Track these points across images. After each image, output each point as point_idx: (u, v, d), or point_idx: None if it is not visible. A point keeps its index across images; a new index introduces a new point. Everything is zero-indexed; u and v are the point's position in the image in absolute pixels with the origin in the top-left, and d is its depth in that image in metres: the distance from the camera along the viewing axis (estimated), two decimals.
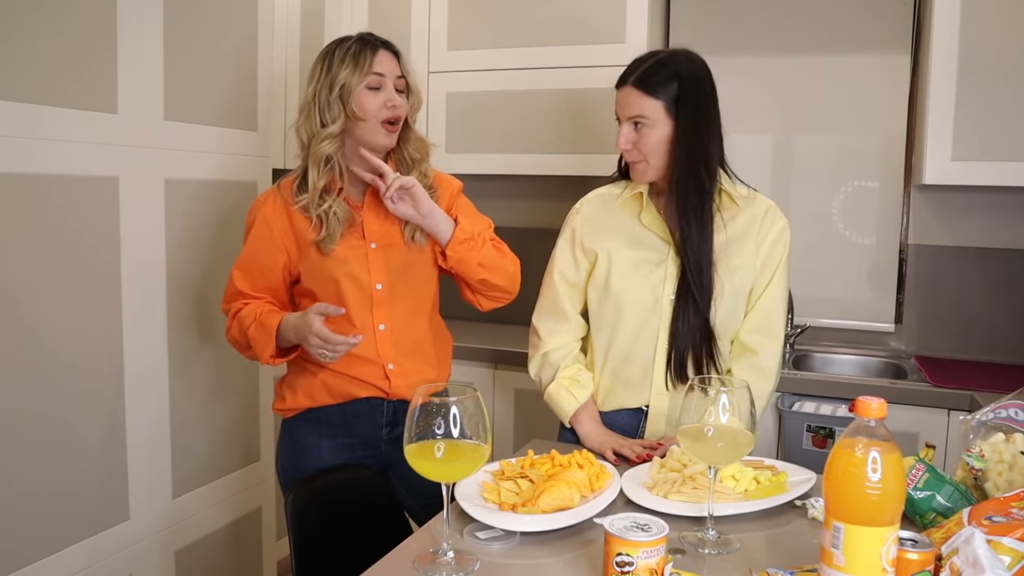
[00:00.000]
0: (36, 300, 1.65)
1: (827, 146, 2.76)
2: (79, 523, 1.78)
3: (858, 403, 0.90)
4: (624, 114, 1.60)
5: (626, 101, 1.59)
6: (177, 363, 2.02)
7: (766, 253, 1.63)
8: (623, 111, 1.60)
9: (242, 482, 2.26)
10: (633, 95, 1.58)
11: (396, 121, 1.61)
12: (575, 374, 1.68)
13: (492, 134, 2.77)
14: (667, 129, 1.57)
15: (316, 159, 1.60)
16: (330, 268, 1.62)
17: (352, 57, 1.59)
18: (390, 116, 1.59)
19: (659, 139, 1.57)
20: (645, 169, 1.60)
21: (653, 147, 1.58)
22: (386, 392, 1.67)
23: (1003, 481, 1.22)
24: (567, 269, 1.70)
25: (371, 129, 1.59)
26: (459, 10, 2.78)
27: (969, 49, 2.28)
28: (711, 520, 1.21)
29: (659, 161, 1.59)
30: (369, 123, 1.59)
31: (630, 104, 1.58)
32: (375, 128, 1.59)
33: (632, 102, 1.58)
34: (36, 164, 1.63)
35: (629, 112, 1.58)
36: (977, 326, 2.63)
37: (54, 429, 1.71)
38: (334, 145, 1.60)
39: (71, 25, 1.68)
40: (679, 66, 1.57)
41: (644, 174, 1.61)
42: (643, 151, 1.58)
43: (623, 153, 1.62)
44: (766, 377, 1.62)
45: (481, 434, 1.11)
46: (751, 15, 2.79)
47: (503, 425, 2.62)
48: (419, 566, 1.12)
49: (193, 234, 2.04)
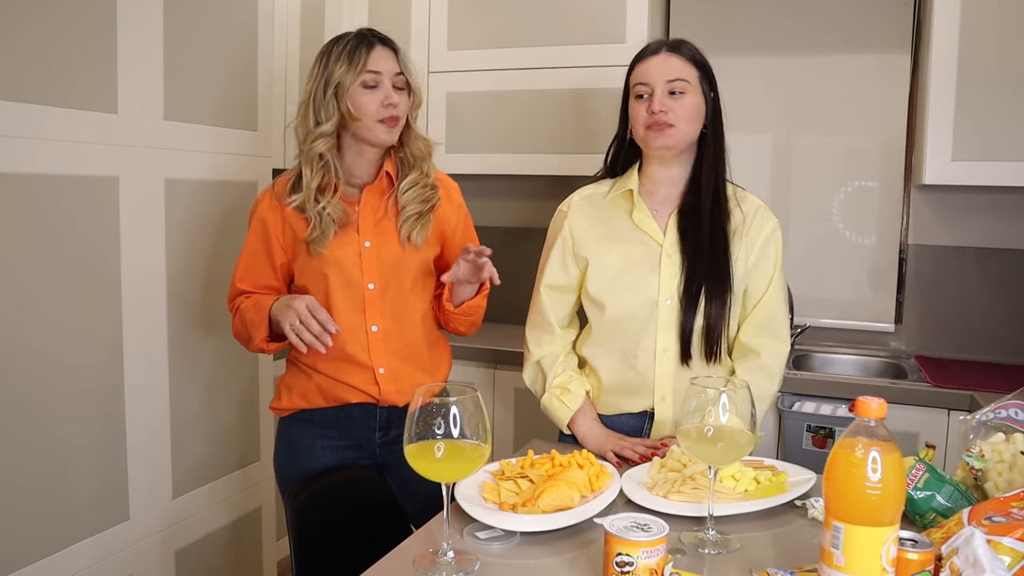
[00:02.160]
0: (36, 300, 1.65)
1: (827, 146, 2.76)
2: (79, 523, 1.78)
3: (858, 403, 0.90)
4: (663, 77, 1.55)
5: (665, 65, 1.56)
6: (177, 363, 2.01)
7: (758, 253, 1.61)
8: (660, 75, 1.55)
9: (242, 482, 2.26)
10: (673, 59, 1.56)
11: (395, 120, 1.60)
12: (565, 382, 1.67)
13: (492, 134, 2.77)
14: (699, 99, 1.57)
15: (309, 158, 1.60)
16: (321, 265, 1.62)
17: (347, 55, 1.58)
18: (387, 115, 1.58)
19: (695, 106, 1.57)
20: (676, 134, 1.56)
21: (690, 112, 1.56)
22: (376, 398, 1.66)
23: (1003, 481, 1.22)
24: (556, 277, 1.69)
25: (369, 128, 1.59)
26: (459, 10, 2.78)
27: (969, 49, 2.28)
28: (711, 520, 1.21)
29: (689, 128, 1.57)
30: (366, 122, 1.58)
31: (670, 68, 1.55)
32: (373, 127, 1.59)
33: (672, 65, 1.56)
34: (36, 164, 1.64)
35: (669, 75, 1.55)
36: (977, 326, 2.63)
37: (54, 429, 1.71)
38: (327, 144, 1.59)
39: (71, 25, 1.68)
40: (699, 51, 1.61)
41: (674, 137, 1.56)
42: (679, 114, 1.55)
43: (656, 115, 1.54)
44: (770, 378, 1.60)
45: (481, 434, 1.11)
46: (751, 15, 2.79)
47: (503, 425, 2.62)
48: (419, 566, 1.12)
49: (193, 234, 2.04)
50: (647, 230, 1.62)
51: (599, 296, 1.63)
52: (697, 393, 1.19)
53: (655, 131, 1.55)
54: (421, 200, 1.65)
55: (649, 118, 1.55)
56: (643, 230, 1.62)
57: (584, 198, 1.70)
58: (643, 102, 1.57)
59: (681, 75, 1.55)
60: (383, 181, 1.66)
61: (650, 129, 1.56)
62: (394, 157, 1.67)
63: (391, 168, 1.66)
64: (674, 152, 1.59)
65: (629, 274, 1.61)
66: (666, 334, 1.59)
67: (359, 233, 1.64)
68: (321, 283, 1.63)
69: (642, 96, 1.57)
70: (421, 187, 1.65)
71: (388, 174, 1.66)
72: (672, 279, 1.59)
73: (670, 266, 1.60)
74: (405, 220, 1.64)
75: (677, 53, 1.57)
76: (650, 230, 1.62)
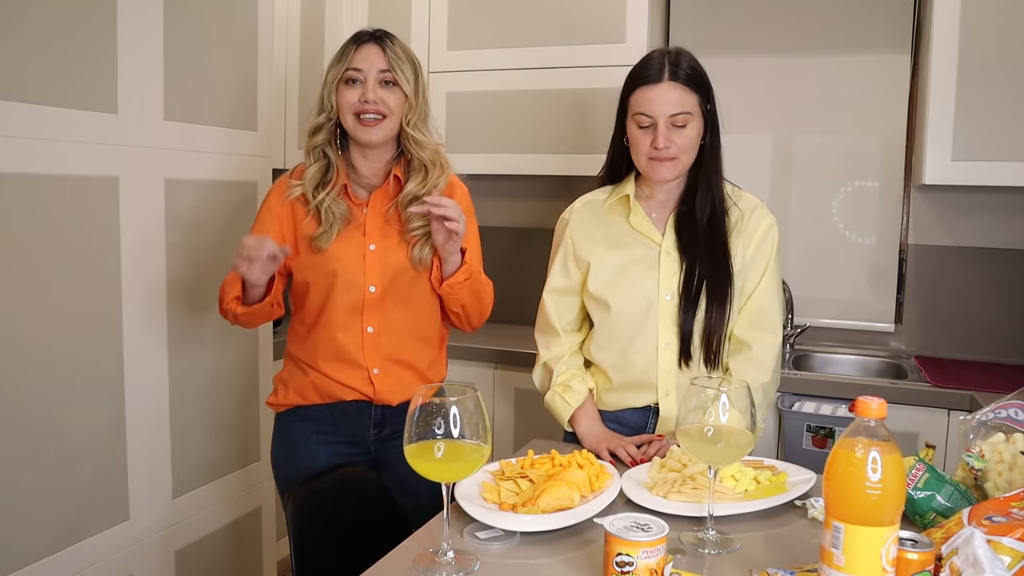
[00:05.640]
0: (36, 300, 1.65)
1: (827, 146, 2.76)
2: (79, 523, 1.78)
3: (858, 403, 0.90)
4: (665, 112, 1.52)
5: (667, 98, 1.52)
6: (177, 363, 2.01)
7: (754, 248, 1.63)
8: (663, 109, 1.52)
9: (242, 482, 2.26)
10: (675, 91, 1.53)
11: (376, 116, 1.58)
12: (567, 380, 1.69)
13: (492, 134, 2.77)
14: (699, 125, 1.57)
15: (307, 150, 1.66)
16: (324, 262, 1.62)
17: (339, 52, 1.62)
18: (360, 110, 1.58)
19: (696, 135, 1.57)
20: (676, 167, 1.57)
21: (692, 143, 1.56)
22: (371, 397, 1.67)
23: (1003, 481, 1.22)
24: (558, 282, 1.71)
25: (349, 124, 1.60)
26: (459, 10, 2.78)
27: (969, 49, 2.28)
28: (711, 520, 1.21)
29: (689, 158, 1.58)
30: (345, 118, 1.60)
31: (674, 101, 1.52)
32: (352, 123, 1.60)
33: (674, 98, 1.52)
34: (37, 164, 1.64)
35: (672, 109, 1.52)
36: (977, 326, 2.63)
37: (54, 429, 1.71)
38: (322, 137, 1.63)
39: (71, 25, 1.68)
40: (696, 60, 1.58)
41: (674, 170, 1.57)
42: (681, 147, 1.55)
43: (660, 150, 1.53)
44: (761, 369, 1.60)
45: (481, 434, 1.11)
46: (751, 15, 2.79)
47: (503, 425, 2.62)
48: (419, 566, 1.12)
49: (193, 234, 2.04)
50: (645, 232, 1.64)
51: (601, 294, 1.64)
52: (697, 393, 1.19)
53: (656, 163, 1.57)
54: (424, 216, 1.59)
55: (652, 151, 1.56)
56: (641, 232, 1.64)
57: (584, 204, 1.73)
58: (646, 132, 1.56)
59: (683, 108, 1.54)
60: (391, 185, 1.66)
61: (653, 160, 1.57)
62: (404, 161, 1.67)
63: (400, 172, 1.66)
64: (679, 176, 1.61)
65: (629, 272, 1.63)
66: (667, 329, 1.61)
67: (365, 235, 1.64)
68: (322, 281, 1.63)
69: (644, 126, 1.56)
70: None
71: (397, 178, 1.66)
72: (671, 276, 1.61)
73: (669, 263, 1.61)
74: (412, 237, 1.62)
75: (678, 81, 1.53)
76: (648, 232, 1.64)
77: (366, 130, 1.59)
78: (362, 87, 1.59)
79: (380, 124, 1.60)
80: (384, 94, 1.59)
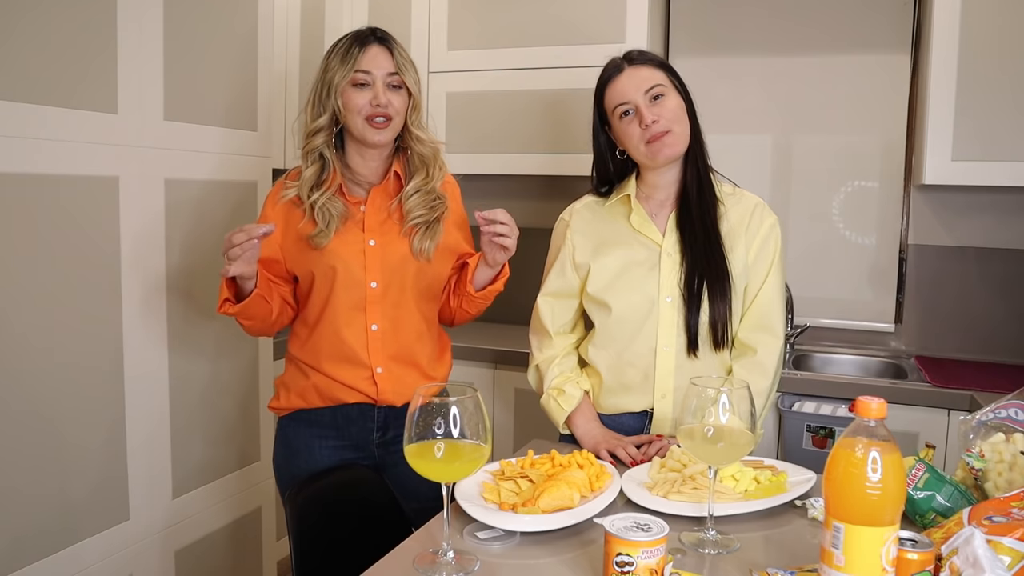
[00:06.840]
0: (36, 300, 1.65)
1: (827, 146, 2.76)
2: (79, 523, 1.78)
3: (858, 403, 0.90)
4: (640, 89, 1.57)
5: (636, 77, 1.58)
6: (177, 363, 2.01)
7: (757, 249, 1.63)
8: (637, 88, 1.57)
9: (242, 482, 2.26)
10: (641, 70, 1.58)
11: (385, 119, 1.59)
12: (561, 383, 1.68)
13: (491, 134, 2.77)
14: (678, 98, 1.59)
15: (304, 153, 1.65)
16: (324, 260, 1.62)
17: (342, 53, 1.60)
18: (372, 113, 1.58)
19: (679, 105, 1.59)
20: (674, 140, 1.57)
21: (677, 113, 1.58)
22: (374, 398, 1.66)
23: (1003, 481, 1.22)
24: (554, 284, 1.71)
25: (358, 126, 1.60)
26: (459, 10, 2.78)
27: (969, 49, 2.28)
28: (711, 520, 1.21)
29: (683, 128, 1.59)
30: (354, 120, 1.60)
31: (643, 77, 1.58)
32: (361, 125, 1.60)
33: (645, 75, 1.58)
34: (37, 164, 1.63)
35: (645, 84, 1.57)
36: (977, 326, 2.63)
37: (54, 429, 1.71)
38: (321, 139, 1.62)
39: (71, 25, 1.68)
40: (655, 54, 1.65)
41: (674, 145, 1.58)
42: (669, 118, 1.56)
43: (651, 127, 1.55)
44: (764, 374, 1.61)
45: (481, 434, 1.11)
46: (751, 15, 2.79)
47: (503, 425, 2.62)
48: (419, 566, 1.12)
49: (193, 234, 2.04)
50: (646, 232, 1.64)
51: (601, 296, 1.64)
52: (697, 393, 1.19)
53: (655, 144, 1.57)
54: (427, 207, 1.65)
55: (644, 133, 1.56)
56: (642, 233, 1.64)
57: (585, 206, 1.73)
58: (631, 120, 1.58)
59: (655, 80, 1.58)
60: (391, 182, 1.67)
61: (650, 144, 1.57)
62: (403, 158, 1.68)
63: (400, 169, 1.66)
64: (679, 158, 1.61)
65: (630, 273, 1.63)
66: (667, 331, 1.60)
67: (364, 232, 1.64)
68: (323, 279, 1.63)
69: (627, 114, 1.58)
70: (425, 193, 1.65)
71: (397, 175, 1.66)
72: (672, 276, 1.61)
73: (670, 264, 1.61)
74: (413, 228, 1.63)
75: (641, 63, 1.60)
76: (649, 232, 1.64)
77: (376, 132, 1.60)
78: (371, 90, 1.59)
79: (389, 126, 1.61)
80: (392, 96, 1.60)
